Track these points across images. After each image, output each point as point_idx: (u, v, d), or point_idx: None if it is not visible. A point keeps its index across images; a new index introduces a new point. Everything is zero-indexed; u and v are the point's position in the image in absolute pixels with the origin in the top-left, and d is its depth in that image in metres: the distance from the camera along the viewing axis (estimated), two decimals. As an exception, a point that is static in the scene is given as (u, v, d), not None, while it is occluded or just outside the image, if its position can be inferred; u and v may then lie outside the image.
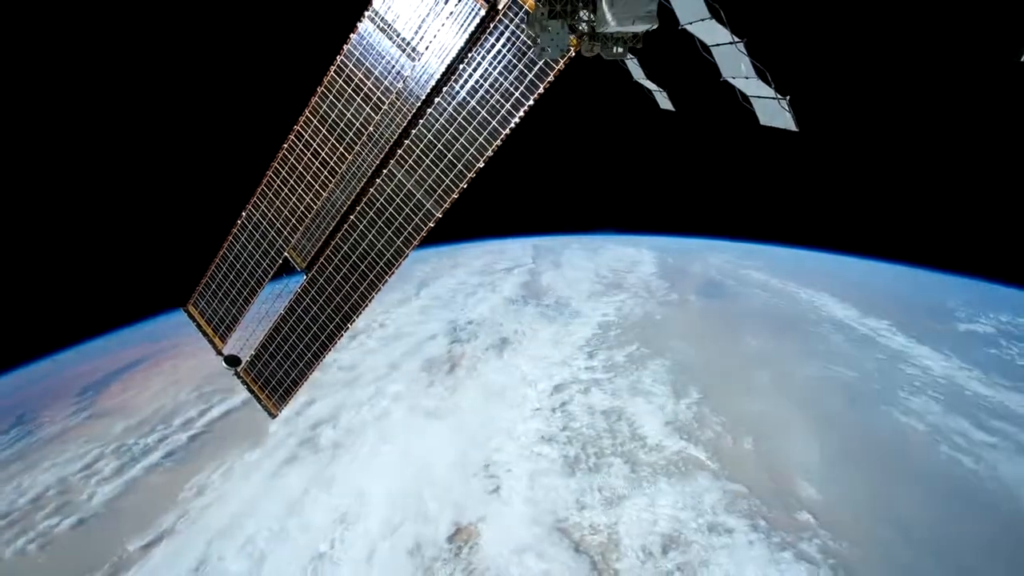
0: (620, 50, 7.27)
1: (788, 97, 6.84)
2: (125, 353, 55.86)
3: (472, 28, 8.15)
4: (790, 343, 42.88)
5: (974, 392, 36.13)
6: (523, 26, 7.76)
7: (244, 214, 10.81)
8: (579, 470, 28.78)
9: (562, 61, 7.68)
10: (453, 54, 8.37)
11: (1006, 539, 23.80)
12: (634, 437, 31.27)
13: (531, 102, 8.04)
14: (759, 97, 7.24)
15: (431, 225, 9.07)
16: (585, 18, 6.92)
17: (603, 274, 62.67)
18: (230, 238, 11.08)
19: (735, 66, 7.04)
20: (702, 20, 6.68)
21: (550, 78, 7.91)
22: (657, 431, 31.57)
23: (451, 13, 8.20)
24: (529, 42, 7.59)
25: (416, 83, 8.81)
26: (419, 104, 8.86)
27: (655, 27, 6.60)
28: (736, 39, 6.58)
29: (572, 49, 7.30)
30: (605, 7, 6.33)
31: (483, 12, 8.04)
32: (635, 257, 72.16)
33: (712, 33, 6.85)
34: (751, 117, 7.74)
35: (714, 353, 41.12)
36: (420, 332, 48.01)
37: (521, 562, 23.41)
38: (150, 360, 52.28)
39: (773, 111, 7.19)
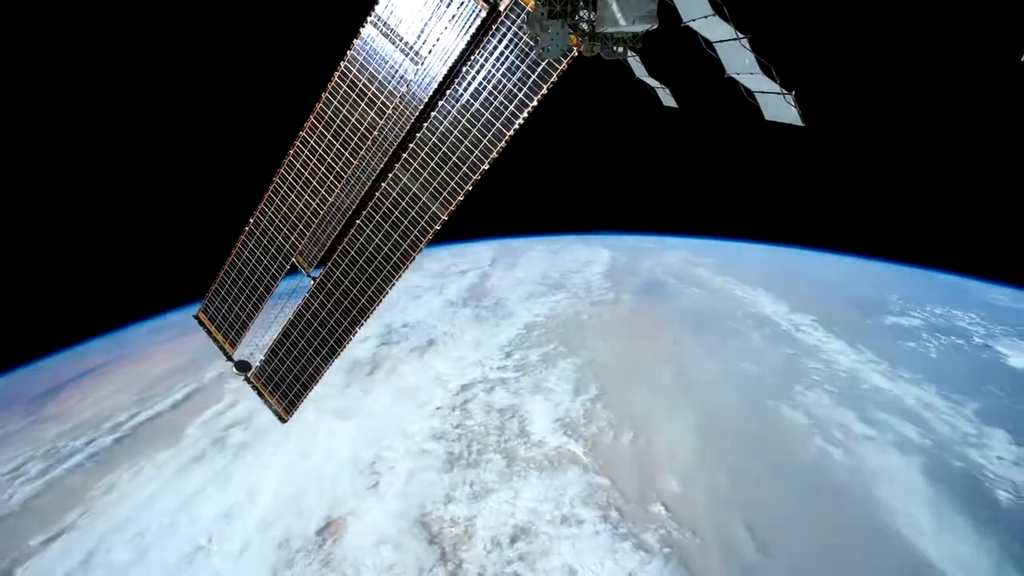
0: (620, 50, 7.30)
1: (793, 92, 6.87)
2: (89, 360, 58.13)
3: (473, 30, 8.20)
4: (706, 340, 43.70)
5: (872, 386, 36.78)
6: (525, 27, 7.82)
7: (252, 220, 10.96)
8: (458, 466, 30.03)
9: (565, 61, 7.71)
10: (456, 57, 8.45)
11: (847, 532, 24.62)
12: (520, 434, 32.44)
13: (535, 103, 8.10)
14: (764, 92, 7.29)
15: (437, 227, 9.15)
16: (585, 18, 6.97)
17: (551, 275, 63.64)
18: (238, 245, 11.25)
19: (739, 62, 7.07)
20: (705, 17, 6.77)
21: (553, 79, 7.96)
22: (544, 428, 32.73)
23: (453, 16, 8.27)
24: (531, 43, 7.61)
25: (420, 87, 8.88)
26: (423, 107, 8.94)
27: (655, 27, 6.60)
28: (740, 35, 6.60)
29: (576, 49, 7.35)
30: (605, 7, 6.36)
31: (484, 14, 8.09)
32: (591, 257, 73.07)
33: (715, 30, 6.91)
34: (754, 113, 7.83)
35: (627, 351, 42.05)
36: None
37: (377, 553, 24.72)
38: (107, 367, 54.43)
39: (778, 106, 7.25)
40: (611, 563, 23.20)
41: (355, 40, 9.08)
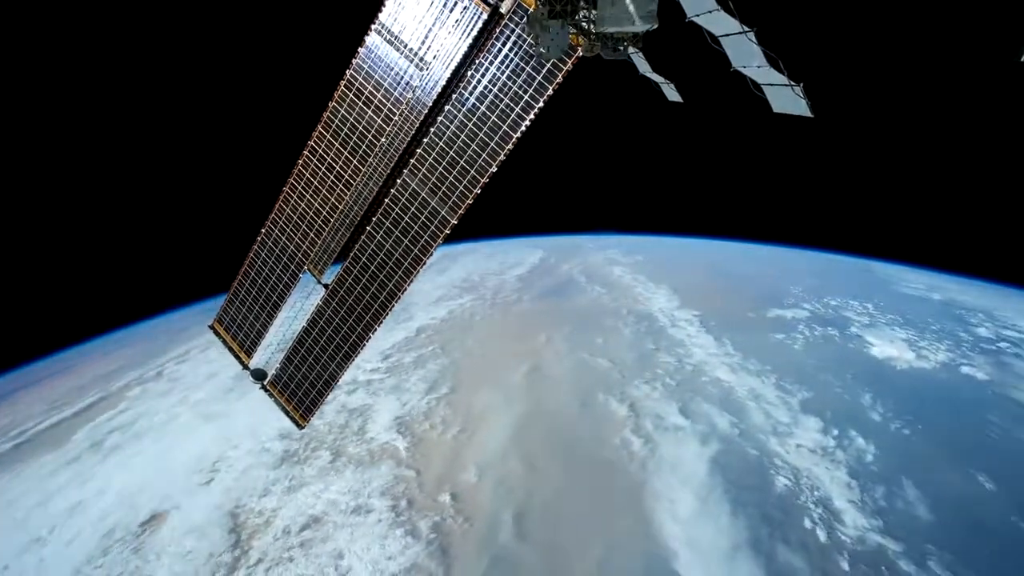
0: (621, 50, 7.35)
1: (802, 84, 6.87)
2: (33, 374, 62.08)
3: (476, 33, 8.25)
4: (577, 338, 45.37)
5: (712, 378, 38.13)
6: (526, 28, 7.83)
7: (263, 230, 11.07)
8: (288, 463, 32.34)
9: (570, 62, 7.75)
10: (460, 61, 8.50)
11: (608, 519, 26.21)
12: (357, 431, 34.62)
13: (541, 104, 8.14)
14: (772, 85, 7.28)
15: (447, 232, 9.20)
16: (585, 18, 6.99)
17: (471, 279, 65.60)
18: (251, 254, 11.38)
19: (746, 55, 7.09)
20: (710, 12, 6.78)
21: (559, 79, 7.96)
22: (382, 426, 34.86)
23: (456, 21, 8.32)
24: (532, 43, 7.63)
25: (425, 92, 8.96)
26: (430, 112, 9.00)
27: (656, 27, 6.59)
28: (746, 28, 6.60)
29: (580, 50, 7.39)
30: (605, 7, 6.37)
31: (485, 16, 8.12)
32: (522, 259, 74.87)
33: (721, 24, 6.90)
34: (759, 108, 7.78)
35: (496, 351, 43.92)
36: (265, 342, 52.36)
37: (181, 541, 27.27)
38: (50, 377, 58.31)
39: (787, 98, 7.26)
40: (377, 548, 25.29)
41: (360, 48, 9.15)
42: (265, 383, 11.95)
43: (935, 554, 23.76)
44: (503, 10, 8.05)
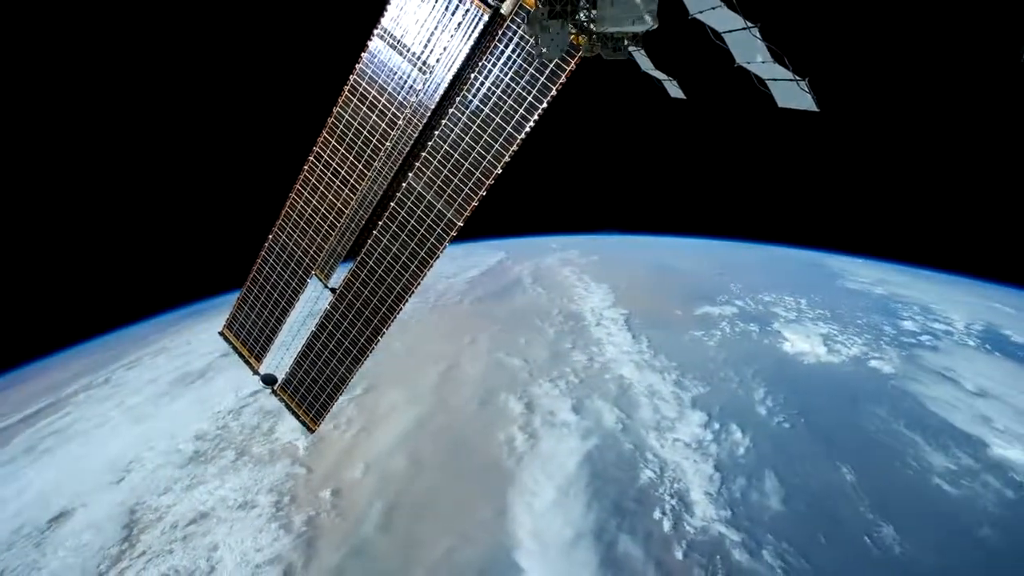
0: (621, 49, 7.35)
1: (807, 78, 6.87)
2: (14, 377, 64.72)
3: (477, 35, 8.28)
4: (502, 338, 46.66)
5: (615, 375, 39.32)
6: (526, 27, 7.85)
7: (271, 236, 11.13)
8: (195, 462, 34.06)
9: (573, 62, 7.76)
10: (463, 64, 8.55)
11: (471, 512, 27.49)
12: (266, 432, 36.25)
13: (544, 105, 8.13)
14: (776, 80, 7.30)
15: (453, 234, 9.22)
16: (585, 18, 6.99)
17: (424, 282, 67.07)
18: (259, 261, 11.44)
19: (749, 51, 7.11)
20: (712, 8, 6.80)
21: (562, 80, 7.97)
22: (289, 426, 36.48)
23: (459, 24, 8.34)
24: (533, 43, 7.64)
25: (429, 96, 8.97)
26: (434, 116, 9.04)
27: (656, 27, 6.60)
28: (750, 24, 6.64)
29: (581, 49, 7.40)
30: (605, 7, 6.38)
31: (486, 18, 8.16)
32: (481, 261, 76.12)
33: (724, 20, 6.93)
34: (762, 104, 7.77)
35: (421, 352, 45.23)
36: (206, 348, 54.38)
37: (79, 536, 29.13)
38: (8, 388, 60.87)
39: (792, 93, 7.29)
40: (250, 541, 26.87)
41: (363, 53, 9.18)
42: (275, 388, 12.02)
43: (772, 544, 24.68)
44: (503, 11, 8.07)
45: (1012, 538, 24.75)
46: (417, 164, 9.20)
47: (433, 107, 9.02)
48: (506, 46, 8.23)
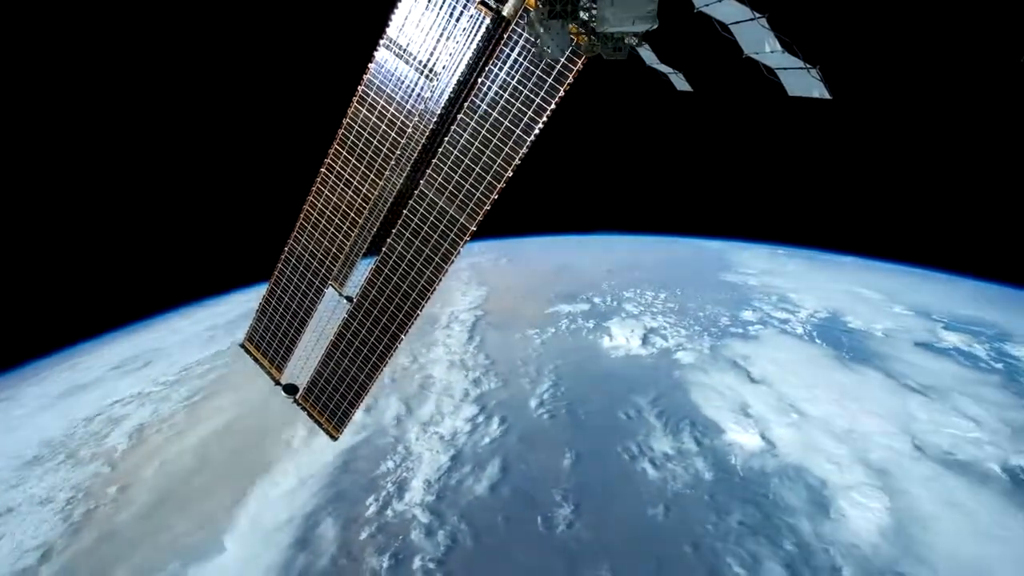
0: (621, 49, 7.36)
1: (818, 66, 6.83)
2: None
3: (479, 38, 8.32)
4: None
5: (424, 375, 42.03)
6: (526, 27, 7.85)
7: (287, 248, 11.29)
8: (30, 466, 38.54)
9: (580, 62, 7.79)
10: (470, 69, 8.59)
11: (219, 502, 30.91)
12: (103, 437, 40.66)
13: (553, 106, 8.15)
14: (786, 69, 7.26)
15: (467, 239, 9.31)
16: (585, 18, 7.00)
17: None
18: (276, 272, 11.56)
19: (758, 42, 7.11)
20: (719, 1, 6.81)
21: (569, 80, 7.99)
22: (123, 431, 40.74)
23: (464, 30, 8.39)
24: (534, 42, 7.67)
25: (437, 103, 9.04)
26: (443, 122, 9.12)
27: (656, 27, 6.60)
28: (758, 14, 6.64)
29: (581, 49, 7.41)
30: (605, 7, 6.41)
31: (488, 21, 8.18)
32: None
33: (730, 12, 6.94)
34: (770, 95, 7.68)
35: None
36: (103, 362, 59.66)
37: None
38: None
39: (802, 82, 7.24)
40: (32, 531, 30.88)
41: (370, 64, 9.27)
42: (297, 397, 12.18)
43: (452, 525, 27.15)
44: (506, 14, 8.11)
45: (676, 515, 26.64)
46: (428, 170, 9.32)
47: (442, 113, 9.13)
48: (512, 49, 8.28)
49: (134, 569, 26.64)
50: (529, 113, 8.30)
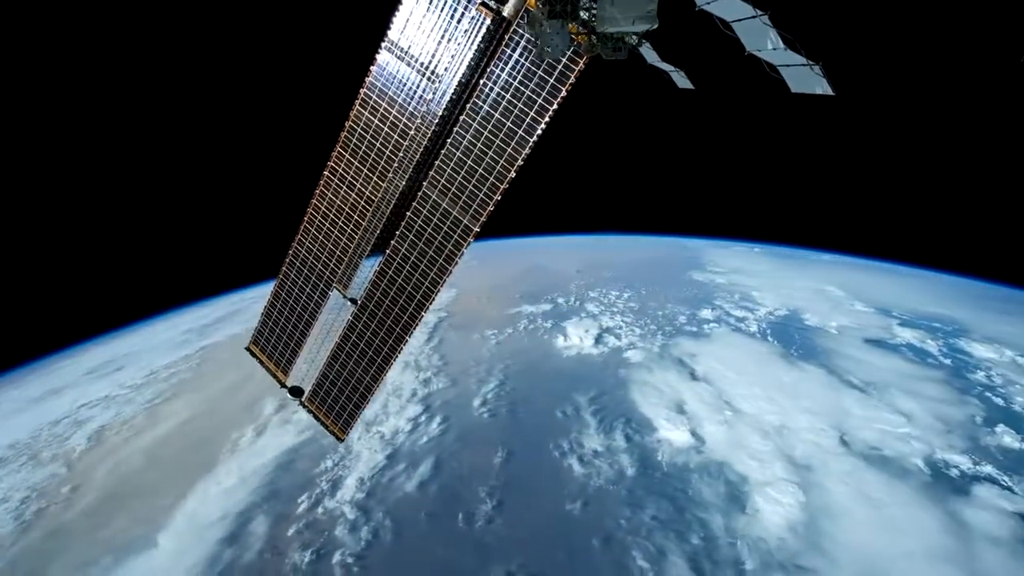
0: (621, 49, 7.35)
1: (821, 63, 6.82)
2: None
3: (480, 39, 8.33)
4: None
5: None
6: (526, 27, 7.75)
7: (291, 251, 11.28)
8: (-2, 467, 40.12)
9: (582, 62, 7.79)
10: (472, 69, 8.59)
11: (171, 495, 32.01)
12: (65, 439, 41.94)
13: (555, 106, 8.13)
14: (788, 66, 7.26)
15: (470, 240, 9.23)
16: (586, 18, 7.01)
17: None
18: (280, 276, 11.57)
19: (760, 39, 7.11)
20: None
21: (571, 80, 7.97)
22: (84, 434, 42.03)
23: (465, 31, 8.39)
24: (534, 42, 7.68)
25: (439, 105, 9.04)
26: (445, 124, 9.11)
27: (656, 27, 6.53)
28: (760, 12, 6.65)
29: (581, 48, 7.43)
30: (605, 7, 6.38)
31: (488, 21, 8.19)
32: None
33: (732, 10, 6.95)
34: (774, 90, 7.63)
35: (237, 361, 50.33)
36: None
37: None
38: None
39: (806, 78, 7.24)
40: None
41: (372, 67, 9.27)
42: (303, 400, 12.22)
43: (376, 521, 27.92)
44: (506, 14, 8.13)
45: (593, 510, 27.25)
46: (431, 172, 9.31)
47: (444, 115, 9.13)
48: (514, 50, 8.26)
49: (70, 564, 27.76)
50: (531, 114, 8.30)
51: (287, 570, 25.95)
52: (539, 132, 8.30)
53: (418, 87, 8.95)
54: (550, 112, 8.15)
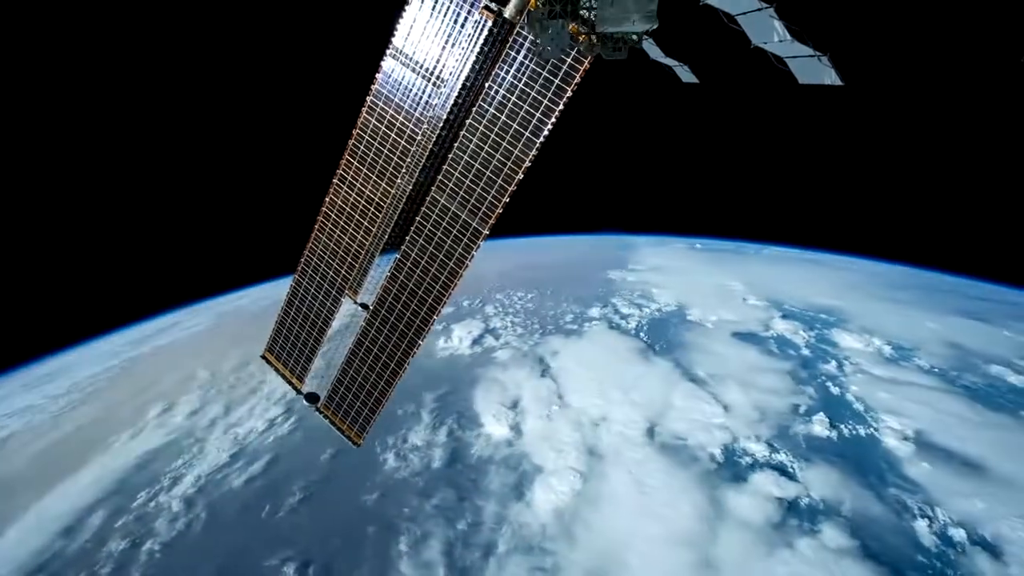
0: (621, 48, 7.35)
1: (828, 54, 6.85)
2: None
3: (483, 43, 8.42)
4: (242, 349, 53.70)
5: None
6: (526, 27, 7.71)
7: (303, 259, 11.42)
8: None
9: (587, 61, 7.82)
10: (476, 73, 8.70)
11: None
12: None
13: (561, 106, 8.17)
14: (796, 58, 7.26)
15: (480, 243, 9.32)
16: (586, 18, 7.05)
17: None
18: (292, 284, 11.66)
19: (766, 31, 7.12)
20: None
21: (576, 79, 7.99)
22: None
23: (469, 35, 8.46)
24: (534, 42, 7.65)
25: (445, 109, 9.16)
26: (451, 128, 9.22)
27: (656, 27, 6.59)
28: (766, 4, 6.67)
29: (581, 48, 7.44)
30: (605, 7, 6.44)
31: (490, 23, 8.27)
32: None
33: (737, 2, 6.97)
34: (780, 83, 7.66)
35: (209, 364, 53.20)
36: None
37: None
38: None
39: (813, 69, 7.23)
40: None
41: (377, 74, 9.40)
42: (319, 406, 12.35)
43: (195, 513, 30.07)
44: (507, 15, 8.20)
45: (386, 500, 29.06)
46: (439, 177, 9.41)
47: (450, 119, 9.26)
48: (517, 52, 8.33)
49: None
50: (537, 115, 8.38)
51: (101, 557, 28.50)
52: (546, 133, 8.40)
53: (424, 92, 9.11)
54: (556, 113, 8.25)
